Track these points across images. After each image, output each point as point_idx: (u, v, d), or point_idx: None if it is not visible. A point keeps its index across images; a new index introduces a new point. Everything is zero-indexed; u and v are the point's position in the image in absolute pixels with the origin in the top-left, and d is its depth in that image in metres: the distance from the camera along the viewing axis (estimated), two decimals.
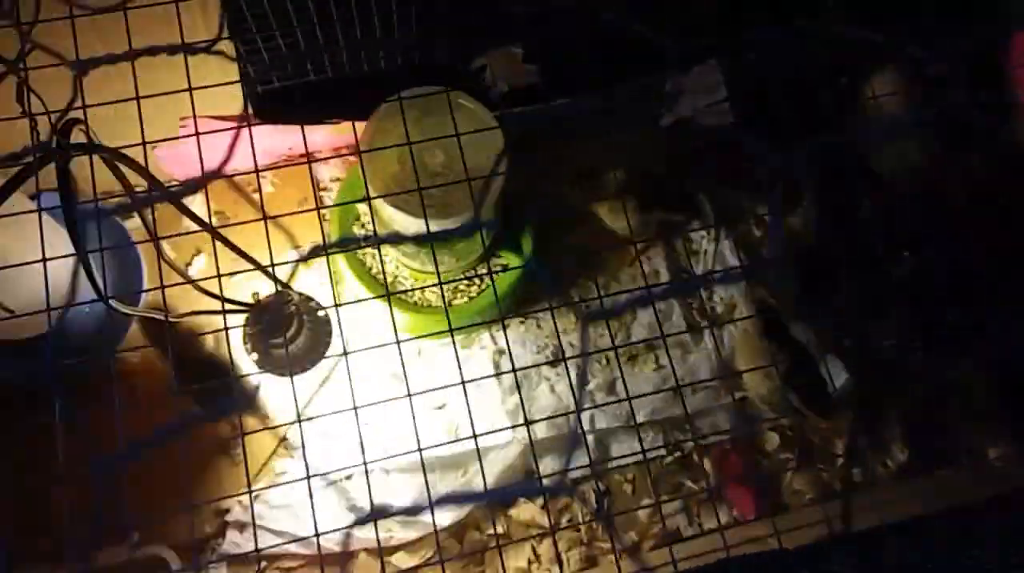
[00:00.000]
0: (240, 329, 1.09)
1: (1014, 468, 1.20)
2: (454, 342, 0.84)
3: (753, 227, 1.31)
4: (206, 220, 1.24)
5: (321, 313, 1.11)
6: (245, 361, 1.06)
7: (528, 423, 1.18)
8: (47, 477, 1.02)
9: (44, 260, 0.75)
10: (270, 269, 0.91)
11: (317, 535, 0.77)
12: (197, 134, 0.82)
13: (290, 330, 1.01)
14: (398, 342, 0.80)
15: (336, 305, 1.14)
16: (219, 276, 0.84)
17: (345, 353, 1.12)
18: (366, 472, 0.74)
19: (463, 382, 0.78)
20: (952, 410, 1.25)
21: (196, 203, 1.25)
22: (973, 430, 1.23)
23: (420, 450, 0.76)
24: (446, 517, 1.13)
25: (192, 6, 0.97)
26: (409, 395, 0.77)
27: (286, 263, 1.20)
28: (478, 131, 0.99)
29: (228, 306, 0.86)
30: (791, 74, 1.16)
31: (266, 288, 1.08)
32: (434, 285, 1.18)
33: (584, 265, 1.29)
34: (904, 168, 1.19)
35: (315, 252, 1.22)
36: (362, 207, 1.20)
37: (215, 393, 0.97)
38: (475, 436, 0.77)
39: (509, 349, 1.21)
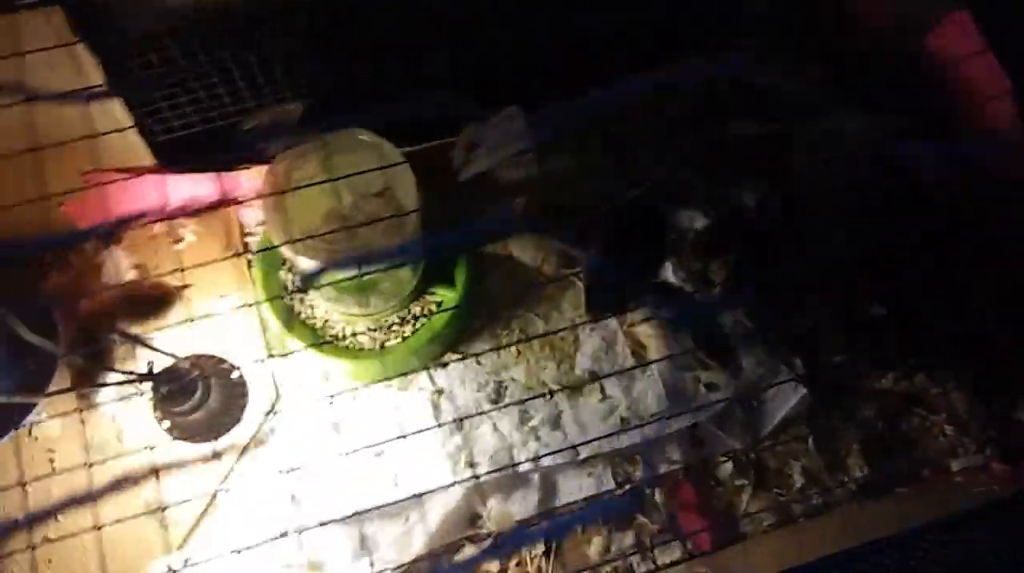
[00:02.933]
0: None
1: (980, 482, 1.15)
2: None
3: None
4: (126, 275, 1.21)
5: (235, 374, 1.06)
6: (158, 429, 1.01)
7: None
8: None
9: None
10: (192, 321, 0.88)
11: None
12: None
13: (194, 397, 0.96)
14: None
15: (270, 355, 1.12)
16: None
17: (272, 411, 1.08)
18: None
19: None
20: (912, 423, 1.20)
21: (112, 257, 1.21)
22: (935, 444, 1.19)
23: None
24: (388, 568, 1.09)
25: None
26: None
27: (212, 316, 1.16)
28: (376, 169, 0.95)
29: (122, 379, 0.82)
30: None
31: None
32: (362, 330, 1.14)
33: (523, 295, 1.25)
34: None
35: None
36: (287, 250, 1.15)
37: None
38: None
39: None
